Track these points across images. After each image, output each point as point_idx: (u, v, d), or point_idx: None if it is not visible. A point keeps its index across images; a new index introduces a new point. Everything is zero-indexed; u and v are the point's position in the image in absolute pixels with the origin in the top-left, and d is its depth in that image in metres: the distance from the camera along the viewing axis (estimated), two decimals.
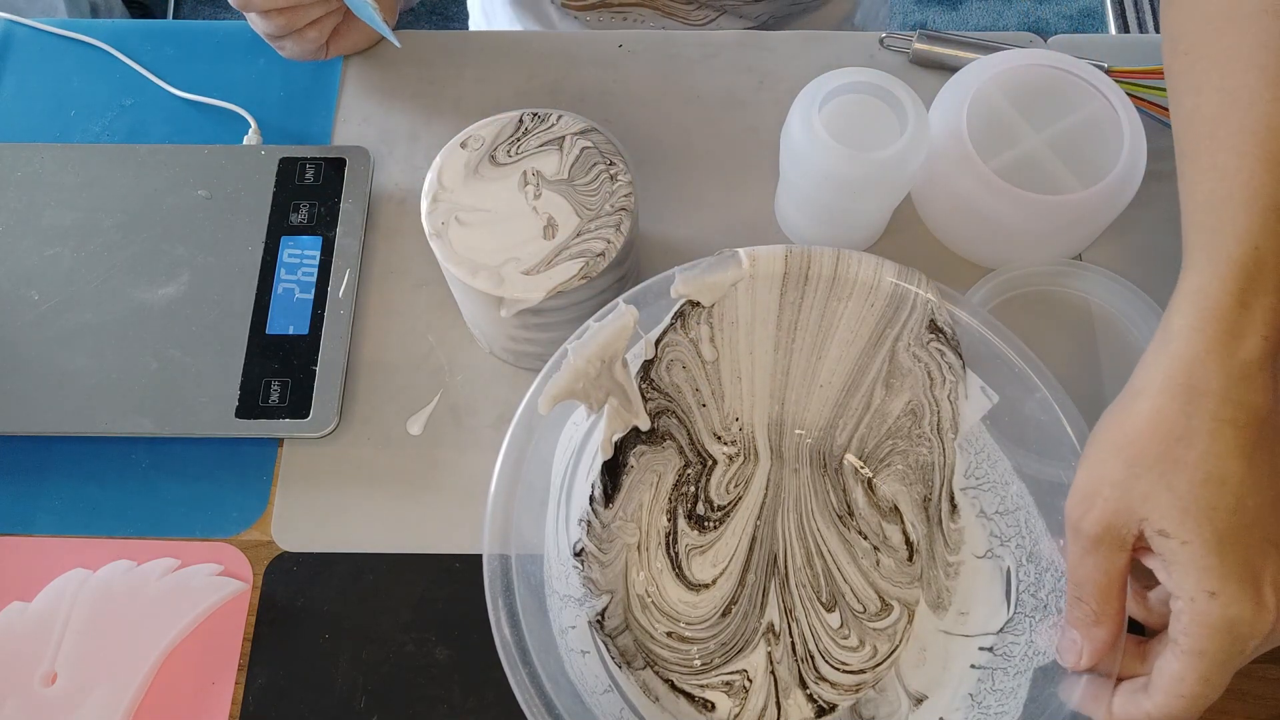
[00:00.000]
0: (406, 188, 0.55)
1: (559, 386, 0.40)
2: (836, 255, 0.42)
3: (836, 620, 0.45)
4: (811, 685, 0.43)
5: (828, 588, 0.45)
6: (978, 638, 0.42)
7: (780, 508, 0.47)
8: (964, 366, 0.42)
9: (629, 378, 0.43)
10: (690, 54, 0.59)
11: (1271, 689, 0.44)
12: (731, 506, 0.47)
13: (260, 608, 0.46)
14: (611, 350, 0.41)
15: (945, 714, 0.41)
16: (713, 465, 0.47)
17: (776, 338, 0.45)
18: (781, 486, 0.47)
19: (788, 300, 0.44)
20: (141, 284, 0.51)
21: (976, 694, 0.40)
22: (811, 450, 0.48)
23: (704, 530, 0.46)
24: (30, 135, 0.57)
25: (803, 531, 0.46)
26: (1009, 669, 0.39)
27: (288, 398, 0.48)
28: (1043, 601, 0.39)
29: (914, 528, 0.46)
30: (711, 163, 0.56)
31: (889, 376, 0.45)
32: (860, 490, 0.47)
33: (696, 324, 0.44)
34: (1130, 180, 0.48)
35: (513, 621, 0.37)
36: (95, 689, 0.43)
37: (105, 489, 0.49)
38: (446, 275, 0.45)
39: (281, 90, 0.58)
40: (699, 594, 0.45)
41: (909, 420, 0.45)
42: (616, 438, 0.44)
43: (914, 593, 0.45)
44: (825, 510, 0.47)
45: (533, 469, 0.40)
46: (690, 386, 0.46)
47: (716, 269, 0.42)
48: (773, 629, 0.44)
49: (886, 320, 0.43)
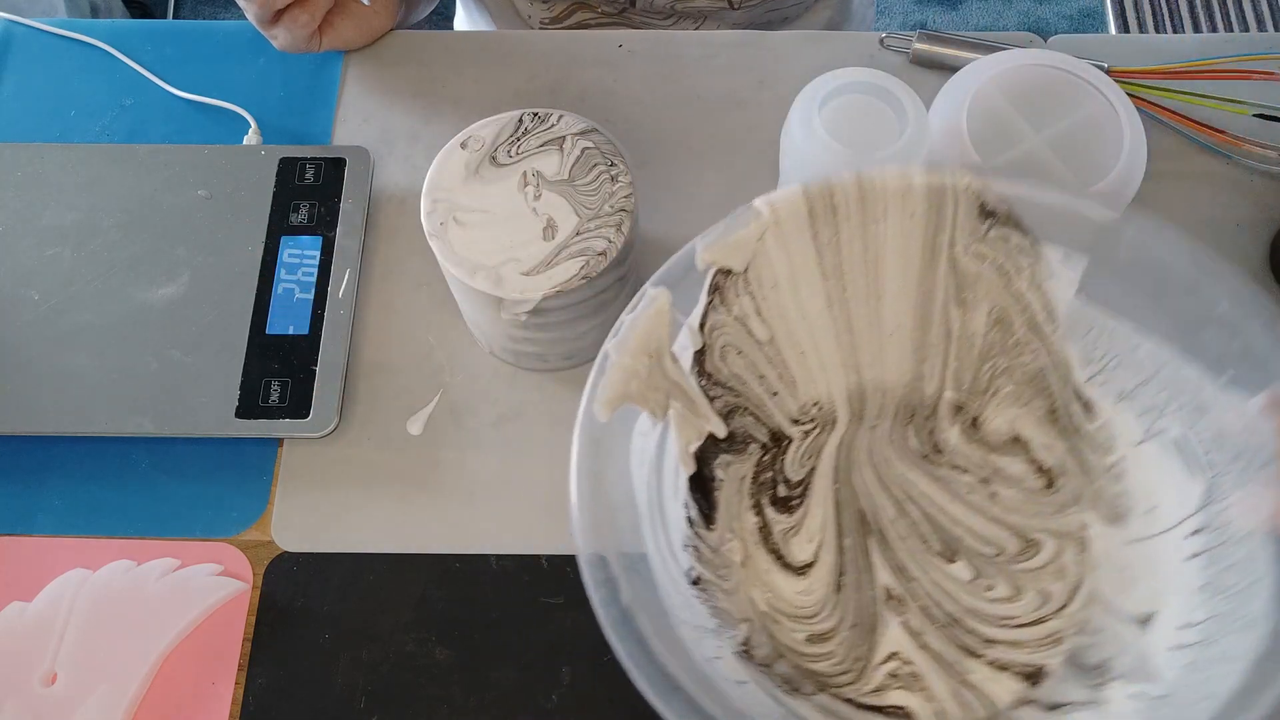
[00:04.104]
0: (406, 188, 0.55)
1: (613, 390, 0.37)
2: (857, 175, 0.38)
3: (966, 572, 0.40)
4: (986, 652, 0.38)
5: (937, 535, 0.41)
6: (1179, 527, 0.36)
7: (854, 466, 0.43)
8: (1034, 242, 0.38)
9: (684, 374, 0.40)
10: (690, 54, 0.59)
11: None
12: (808, 476, 0.44)
13: (260, 608, 0.46)
14: (655, 342, 0.38)
15: (1185, 619, 0.35)
16: (787, 444, 0.44)
17: (825, 291, 0.41)
18: (854, 445, 0.43)
19: (823, 242, 0.40)
20: (141, 284, 0.51)
21: (1209, 583, 0.35)
22: (898, 404, 0.43)
23: (790, 510, 0.43)
24: (30, 135, 0.57)
25: (883, 483, 0.42)
26: (1233, 538, 0.34)
27: (288, 398, 0.48)
28: (1238, 449, 0.34)
29: (1048, 451, 0.41)
30: (711, 163, 0.56)
31: (959, 291, 0.40)
32: (956, 430, 0.42)
33: (736, 297, 0.40)
34: (1130, 180, 0.48)
35: (645, 651, 0.32)
36: (95, 689, 0.43)
37: (105, 489, 0.49)
38: (446, 275, 0.46)
39: (281, 90, 0.58)
40: (807, 576, 0.41)
41: (999, 332, 0.40)
42: (693, 448, 0.41)
43: (1071, 520, 0.40)
44: (904, 456, 0.43)
45: (613, 487, 0.36)
46: (754, 374, 0.42)
47: (737, 226, 0.39)
48: (890, 594, 0.40)
49: (933, 227, 0.39)
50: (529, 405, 0.50)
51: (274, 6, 0.52)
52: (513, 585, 0.46)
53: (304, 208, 0.53)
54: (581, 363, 0.51)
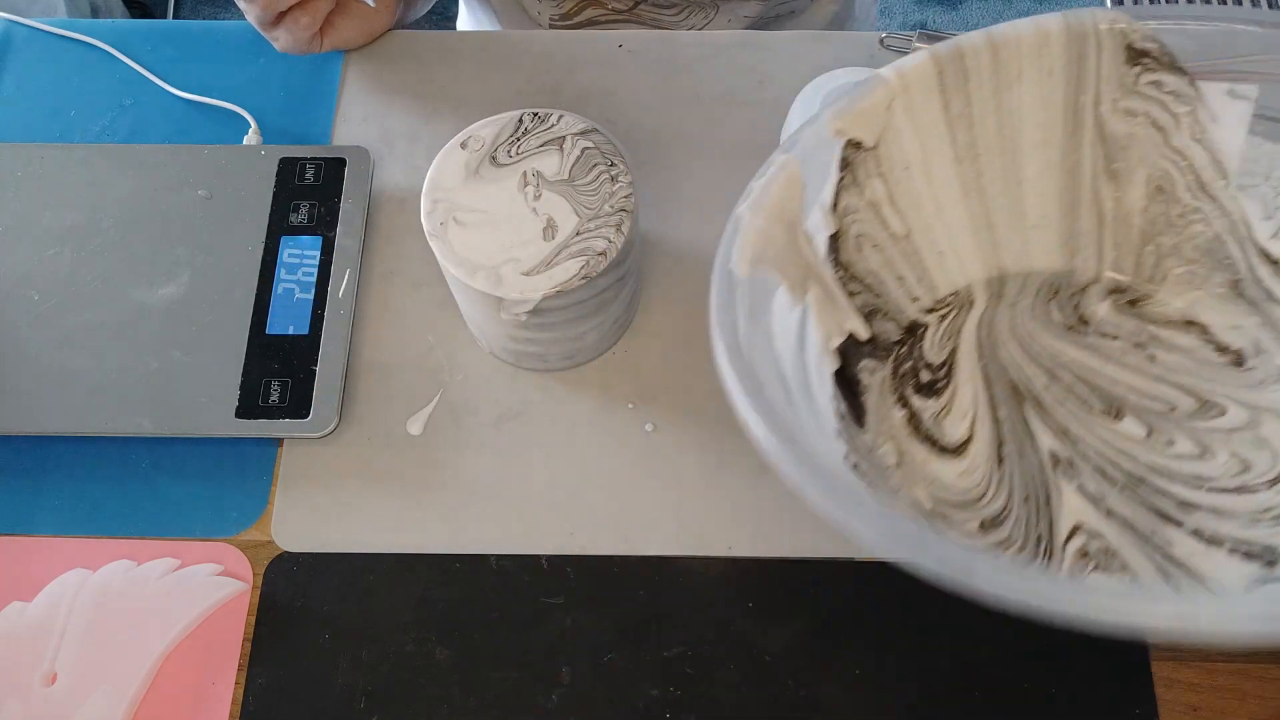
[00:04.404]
0: (406, 188, 0.55)
1: (749, 248, 0.34)
2: (987, 32, 0.35)
3: (1137, 427, 0.36)
4: (1185, 518, 0.34)
5: (1097, 395, 0.38)
6: None
7: (997, 342, 0.40)
8: (1192, 82, 0.34)
9: (819, 260, 0.37)
10: (690, 54, 0.59)
11: (1271, 689, 0.44)
12: (950, 356, 0.41)
13: (260, 608, 0.46)
14: (789, 211, 0.36)
15: None
16: (923, 331, 0.42)
17: (960, 178, 0.38)
18: (994, 322, 0.41)
19: (954, 115, 0.37)
20: (141, 284, 0.51)
21: None
22: (1041, 284, 0.40)
23: (937, 393, 0.40)
24: (30, 135, 0.57)
25: (1030, 355, 0.39)
26: None
27: (288, 398, 0.48)
28: None
29: (1235, 333, 0.37)
30: (711, 163, 0.56)
31: (1108, 161, 0.36)
32: (1107, 304, 0.39)
33: (868, 177, 0.37)
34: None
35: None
36: (95, 689, 0.43)
37: (105, 489, 0.49)
38: (446, 275, 0.46)
39: (281, 90, 0.58)
40: (965, 454, 0.39)
41: (1160, 204, 0.36)
42: (834, 344, 0.39)
43: (1270, 395, 0.36)
44: (1047, 328, 0.40)
45: (757, 361, 0.33)
46: (891, 273, 0.40)
47: (864, 95, 0.36)
48: (1057, 458, 0.37)
49: (1074, 83, 0.35)
50: (529, 405, 0.50)
51: (275, 9, 0.52)
52: (513, 585, 0.46)
53: (304, 208, 0.53)
54: (581, 363, 0.51)
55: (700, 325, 0.51)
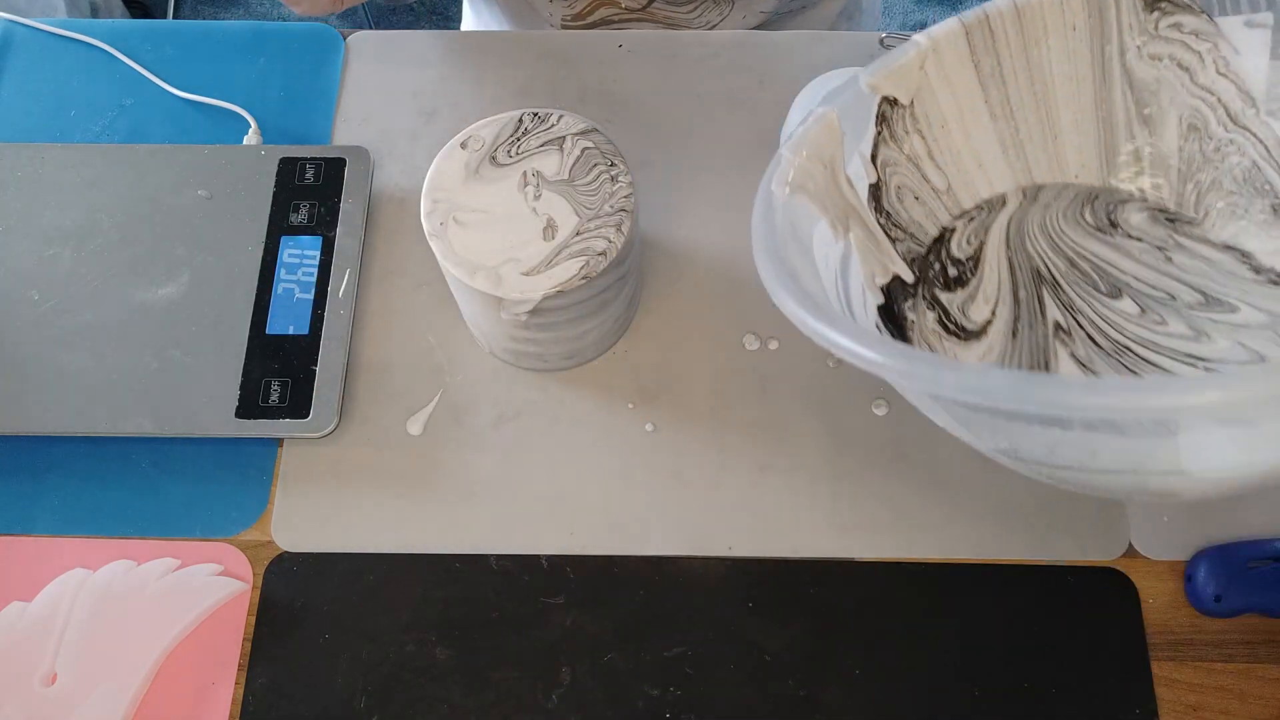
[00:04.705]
0: (406, 188, 0.55)
1: (791, 176, 0.36)
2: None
3: (1131, 306, 0.38)
4: None
5: (1105, 281, 0.40)
6: None
7: (1025, 237, 0.42)
8: (1209, 20, 0.35)
9: (862, 204, 0.39)
10: (690, 54, 0.59)
11: (1271, 689, 0.44)
12: (978, 250, 0.42)
13: (260, 608, 0.46)
14: (828, 152, 0.37)
15: None
16: (950, 235, 0.43)
17: (998, 134, 0.40)
18: (1025, 219, 0.42)
19: (986, 74, 0.38)
20: (141, 284, 0.51)
21: None
22: (1078, 193, 0.42)
23: (964, 285, 0.42)
24: (30, 135, 0.57)
25: (1057, 246, 0.41)
26: None
27: (288, 398, 0.48)
28: None
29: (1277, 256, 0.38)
30: (711, 163, 0.56)
31: (1140, 107, 0.38)
32: (1144, 215, 0.40)
33: (906, 134, 0.39)
34: None
35: None
36: (95, 689, 0.43)
37: (105, 489, 0.49)
38: (446, 275, 0.46)
39: (281, 90, 0.58)
40: (985, 336, 0.41)
41: (1195, 142, 0.38)
42: (880, 283, 0.40)
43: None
44: (1077, 226, 0.41)
45: (802, 277, 0.35)
46: (933, 224, 0.41)
47: (897, 56, 0.39)
48: (1060, 328, 0.40)
49: (1098, 35, 0.37)
50: (529, 405, 0.50)
51: None
52: (513, 585, 0.46)
53: (304, 208, 0.53)
54: (582, 363, 0.51)
55: (701, 325, 0.52)
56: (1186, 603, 0.46)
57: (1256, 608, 0.44)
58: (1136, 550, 0.46)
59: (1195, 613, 0.45)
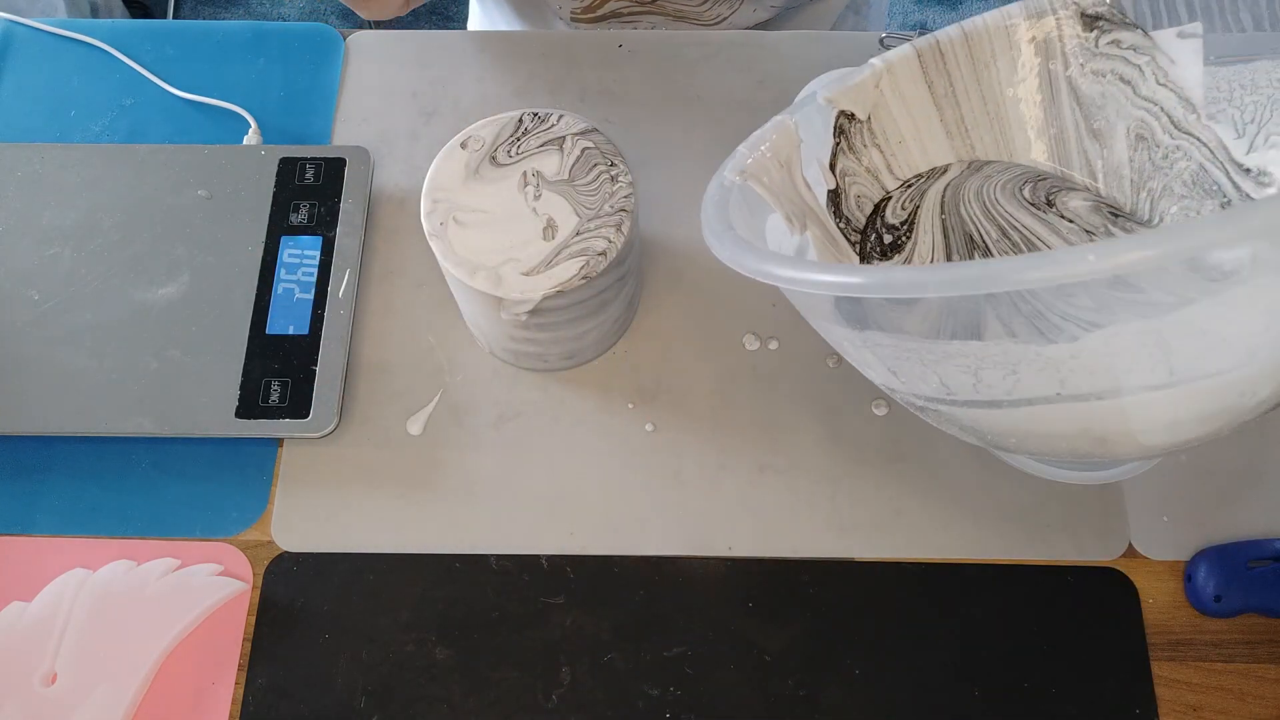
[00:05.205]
0: (406, 188, 0.55)
1: (744, 166, 0.38)
2: (958, 24, 0.39)
3: None
4: None
5: (1030, 250, 0.40)
6: None
7: (960, 201, 0.42)
8: (1145, 34, 0.37)
9: (821, 207, 0.40)
10: (690, 54, 0.59)
11: (1271, 689, 0.44)
12: (911, 215, 0.43)
13: (260, 608, 0.46)
14: (785, 154, 0.39)
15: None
16: (885, 204, 0.44)
17: (954, 150, 0.42)
18: (962, 186, 0.43)
19: (940, 94, 0.40)
20: (141, 284, 0.51)
21: None
22: (1022, 172, 0.42)
23: (899, 250, 0.42)
24: (30, 135, 0.57)
25: (990, 213, 0.42)
26: None
27: (288, 398, 0.48)
28: None
29: None
30: (712, 163, 0.55)
31: (1089, 121, 0.39)
32: (1086, 204, 0.41)
33: (864, 146, 0.41)
34: None
35: None
36: (95, 689, 0.43)
37: (105, 489, 0.49)
38: (446, 275, 0.46)
39: (281, 90, 0.58)
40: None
41: (1144, 151, 0.39)
42: None
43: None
44: (1013, 199, 0.42)
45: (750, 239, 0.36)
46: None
47: (853, 75, 0.41)
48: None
49: (1043, 54, 0.39)
50: (529, 405, 0.50)
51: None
52: (513, 585, 0.46)
53: (304, 208, 0.53)
54: (581, 363, 0.51)
55: (700, 325, 0.52)
56: (1186, 603, 0.46)
57: (1256, 608, 0.44)
58: (1136, 550, 0.47)
59: (1195, 613, 0.45)
